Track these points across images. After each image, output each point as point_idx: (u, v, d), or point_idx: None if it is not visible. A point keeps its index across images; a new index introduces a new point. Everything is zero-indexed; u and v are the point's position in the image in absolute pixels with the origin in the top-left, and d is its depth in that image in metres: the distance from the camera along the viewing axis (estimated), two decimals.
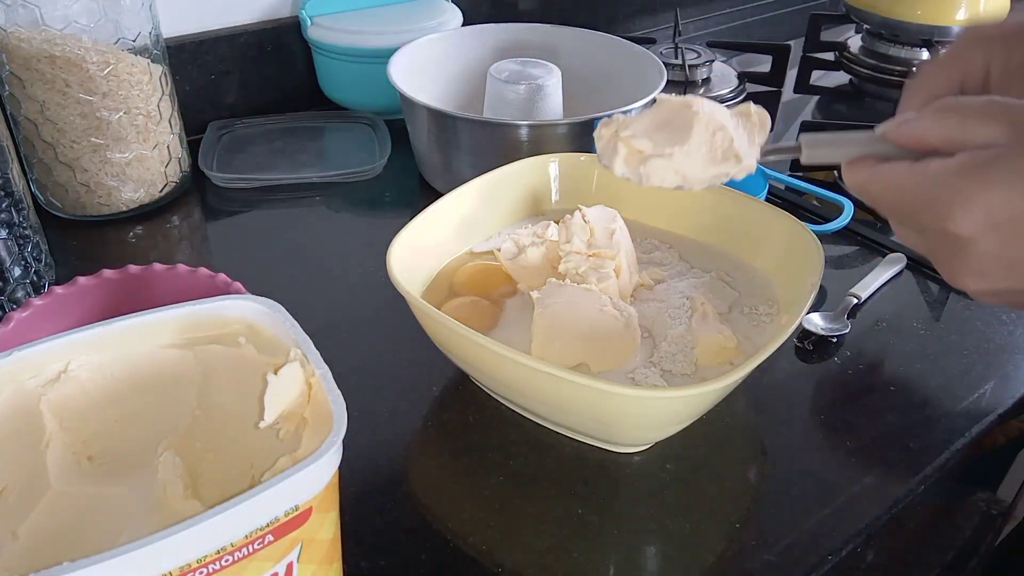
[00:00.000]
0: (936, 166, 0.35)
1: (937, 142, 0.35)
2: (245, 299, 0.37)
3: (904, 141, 0.36)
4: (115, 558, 0.25)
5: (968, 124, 0.35)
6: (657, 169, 0.42)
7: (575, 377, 0.43)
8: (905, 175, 0.36)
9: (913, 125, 0.36)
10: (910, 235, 0.37)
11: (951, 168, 0.34)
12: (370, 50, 0.85)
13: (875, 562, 0.53)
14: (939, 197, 0.34)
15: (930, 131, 0.35)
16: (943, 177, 0.34)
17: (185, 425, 0.38)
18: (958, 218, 0.34)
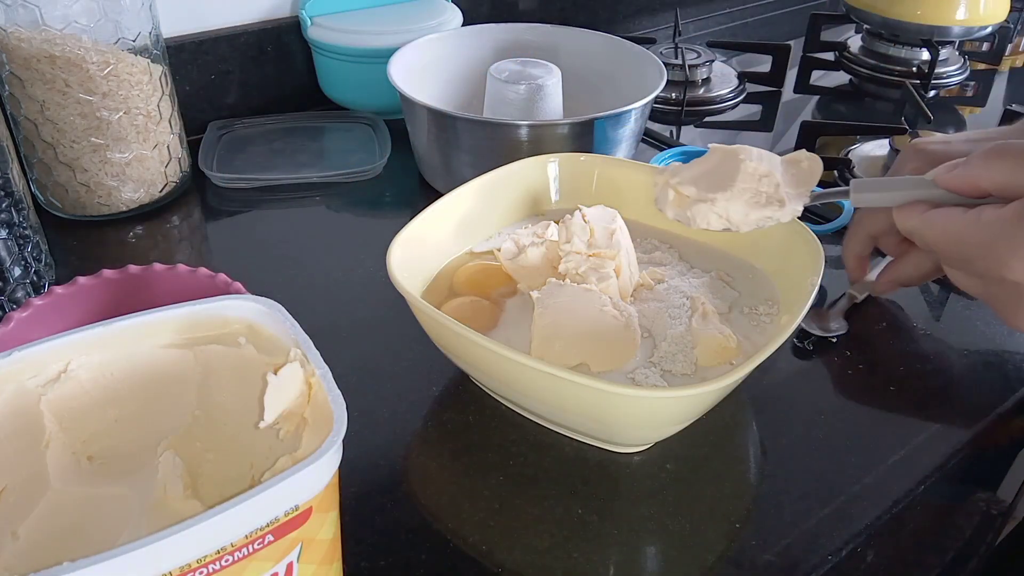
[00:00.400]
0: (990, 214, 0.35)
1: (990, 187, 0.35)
2: (245, 299, 0.37)
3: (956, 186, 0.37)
4: (115, 558, 0.25)
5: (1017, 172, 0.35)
6: (701, 212, 0.45)
7: (575, 377, 0.43)
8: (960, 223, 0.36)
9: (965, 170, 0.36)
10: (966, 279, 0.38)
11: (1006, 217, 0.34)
12: (370, 50, 0.85)
13: (875, 562, 0.53)
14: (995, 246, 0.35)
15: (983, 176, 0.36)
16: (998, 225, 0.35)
17: (185, 425, 0.38)
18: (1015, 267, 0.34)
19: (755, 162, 0.45)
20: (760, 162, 0.45)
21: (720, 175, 0.46)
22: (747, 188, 0.45)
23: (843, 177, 0.84)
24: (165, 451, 0.37)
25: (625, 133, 0.75)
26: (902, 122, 0.93)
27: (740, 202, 0.45)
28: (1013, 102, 1.03)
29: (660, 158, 0.74)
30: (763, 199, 0.44)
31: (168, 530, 0.26)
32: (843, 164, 0.84)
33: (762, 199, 0.44)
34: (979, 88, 1.11)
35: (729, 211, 0.45)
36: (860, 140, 0.90)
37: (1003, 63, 1.16)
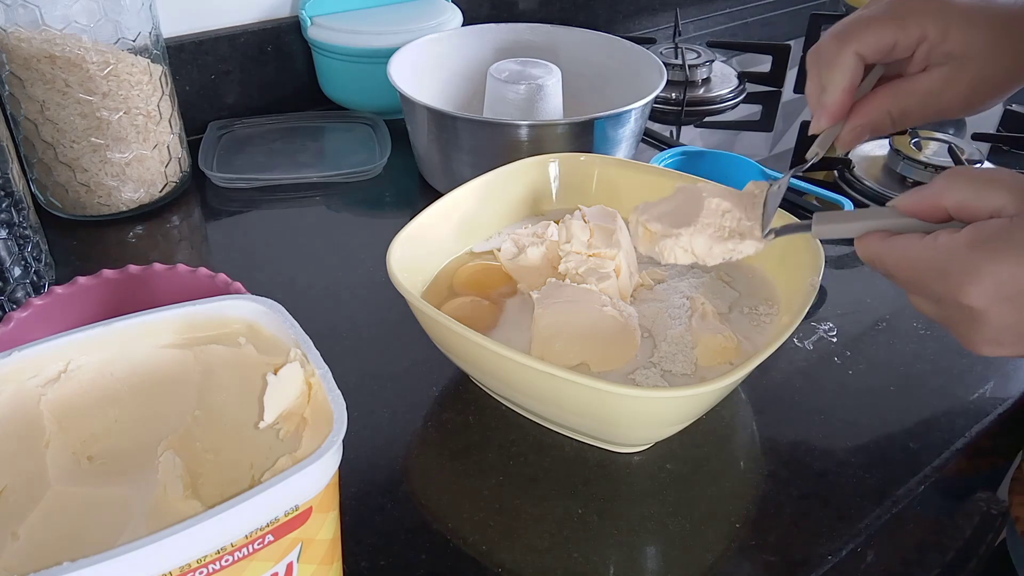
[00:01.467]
0: (945, 240, 0.35)
1: (950, 207, 0.36)
2: (245, 299, 0.37)
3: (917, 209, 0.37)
4: (115, 558, 0.25)
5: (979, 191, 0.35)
6: (668, 247, 0.47)
7: (575, 377, 0.43)
8: (917, 248, 0.36)
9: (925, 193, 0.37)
10: (925, 304, 0.38)
11: (960, 242, 0.35)
12: (370, 50, 0.85)
13: (875, 562, 0.53)
14: (950, 271, 0.35)
15: (943, 197, 0.36)
16: (953, 251, 0.35)
17: (185, 425, 0.38)
18: (970, 292, 0.34)
19: (717, 199, 0.48)
20: (722, 199, 0.48)
21: (685, 211, 0.48)
22: (710, 223, 0.47)
23: (843, 177, 0.84)
24: (165, 451, 0.37)
25: (625, 133, 0.75)
26: None
27: (704, 237, 0.47)
28: (1013, 102, 1.03)
29: (660, 158, 0.74)
30: (725, 233, 0.47)
31: (168, 530, 0.26)
32: (843, 164, 0.85)
33: (724, 233, 0.47)
34: None
35: (694, 245, 0.47)
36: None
37: None
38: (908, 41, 0.44)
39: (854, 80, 0.45)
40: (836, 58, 0.45)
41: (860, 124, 0.47)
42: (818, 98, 0.47)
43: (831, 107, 0.46)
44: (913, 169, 0.82)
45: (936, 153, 0.83)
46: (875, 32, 0.44)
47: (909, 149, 0.83)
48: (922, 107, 0.46)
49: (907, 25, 0.43)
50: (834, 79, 0.45)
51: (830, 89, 0.46)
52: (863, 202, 0.80)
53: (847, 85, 0.45)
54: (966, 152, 0.81)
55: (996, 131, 0.97)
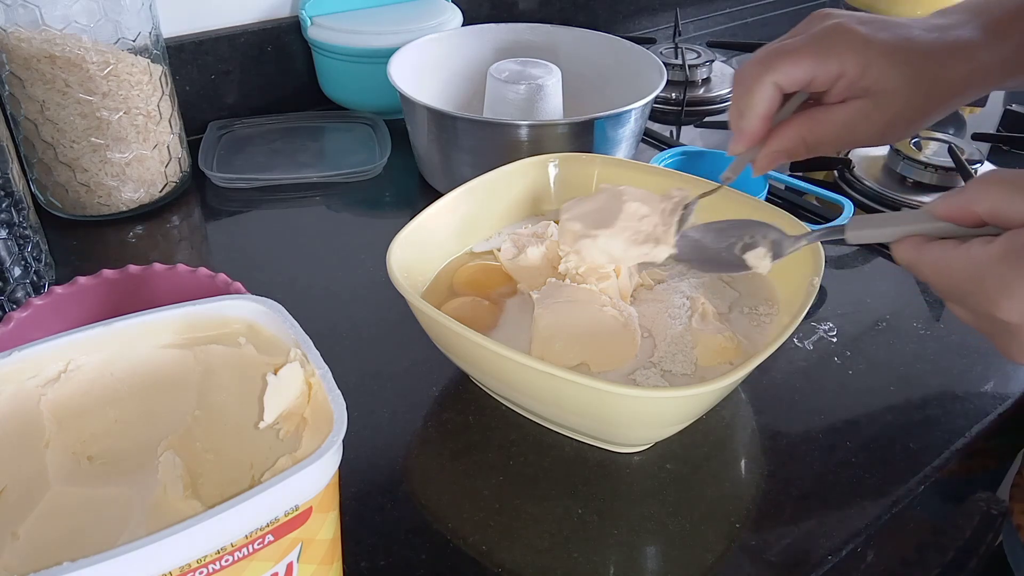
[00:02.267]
0: (978, 252, 0.35)
1: (984, 213, 0.36)
2: (245, 299, 0.37)
3: (951, 215, 0.37)
4: (115, 558, 0.25)
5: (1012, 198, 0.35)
6: (586, 247, 0.49)
7: (575, 377, 0.43)
8: (951, 258, 0.36)
9: (959, 198, 0.37)
10: (963, 313, 0.38)
11: (994, 255, 0.34)
12: (370, 50, 0.85)
13: (875, 562, 0.53)
14: (985, 284, 0.35)
15: (977, 202, 0.36)
16: (986, 264, 0.35)
17: (185, 425, 0.38)
18: (1004, 307, 0.34)
19: (636, 203, 0.48)
20: (641, 203, 0.48)
21: (606, 213, 0.49)
22: (628, 227, 0.48)
23: (843, 177, 0.84)
24: (165, 451, 0.37)
25: (625, 133, 0.75)
26: None
27: (620, 240, 0.48)
28: (1013, 102, 1.03)
29: (660, 158, 0.74)
30: (641, 237, 0.48)
31: (168, 530, 0.26)
32: (843, 164, 0.85)
33: (640, 237, 0.48)
34: None
35: (610, 248, 0.48)
36: None
37: None
38: (827, 76, 0.45)
39: (770, 108, 0.46)
40: (755, 86, 0.46)
41: (775, 150, 0.48)
42: (736, 122, 0.48)
43: (747, 132, 0.47)
44: (913, 169, 0.82)
45: (936, 153, 0.83)
46: (795, 64, 0.45)
47: (909, 149, 0.83)
48: (836, 137, 0.47)
49: (827, 60, 0.44)
50: (751, 106, 0.46)
51: (747, 115, 0.47)
52: (863, 202, 0.80)
53: (763, 112, 0.46)
54: (966, 152, 0.81)
55: (996, 131, 0.97)
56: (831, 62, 0.44)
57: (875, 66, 0.44)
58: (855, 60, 0.44)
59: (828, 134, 0.47)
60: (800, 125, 0.47)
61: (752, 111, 0.46)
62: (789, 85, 0.45)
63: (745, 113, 0.47)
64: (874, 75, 0.44)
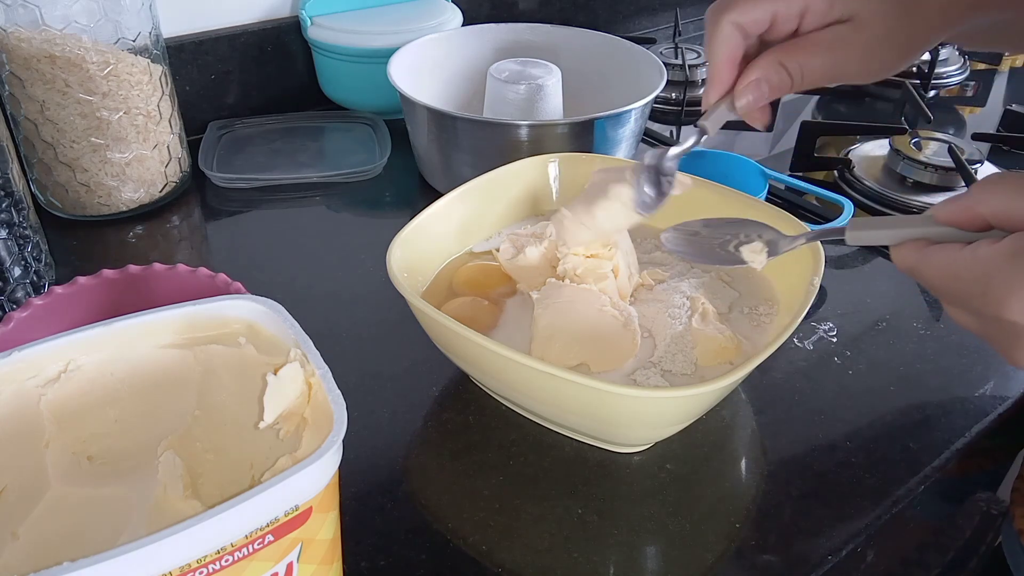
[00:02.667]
0: (985, 252, 0.34)
1: (989, 215, 0.35)
2: (245, 299, 0.37)
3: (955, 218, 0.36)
4: (115, 558, 0.25)
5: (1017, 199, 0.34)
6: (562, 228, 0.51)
7: (575, 377, 0.43)
8: (956, 260, 0.35)
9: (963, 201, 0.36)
10: (964, 317, 0.37)
11: (1001, 254, 0.33)
12: (370, 50, 0.85)
13: (875, 562, 0.53)
14: (992, 284, 0.34)
15: (981, 204, 0.35)
16: (994, 264, 0.34)
17: (185, 425, 0.38)
18: (1012, 306, 0.33)
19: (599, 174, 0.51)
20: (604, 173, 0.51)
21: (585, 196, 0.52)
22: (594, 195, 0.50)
23: (843, 177, 0.84)
24: (165, 451, 0.37)
25: (625, 133, 0.75)
26: (902, 122, 0.93)
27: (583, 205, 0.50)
28: (1013, 102, 1.03)
29: None
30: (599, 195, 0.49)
31: (168, 530, 0.26)
32: (843, 164, 0.85)
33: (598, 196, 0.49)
34: (979, 88, 1.11)
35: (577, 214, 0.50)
36: (860, 140, 0.90)
37: (1003, 63, 1.17)
38: (789, 12, 0.43)
39: (733, 51, 0.45)
40: (713, 29, 0.45)
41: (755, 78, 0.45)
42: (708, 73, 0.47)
43: (715, 79, 0.46)
44: (913, 169, 0.82)
45: (936, 153, 0.83)
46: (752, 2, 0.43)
47: (909, 149, 0.83)
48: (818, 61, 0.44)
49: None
50: (713, 51, 0.45)
51: (711, 62, 0.46)
52: (863, 202, 0.80)
53: (726, 56, 0.45)
54: (966, 152, 0.81)
55: (996, 131, 0.97)
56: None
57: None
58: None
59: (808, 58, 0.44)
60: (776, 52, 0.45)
61: (714, 56, 0.45)
62: (749, 24, 0.44)
63: (710, 60, 0.46)
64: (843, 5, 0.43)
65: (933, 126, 0.96)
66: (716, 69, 0.46)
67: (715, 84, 0.46)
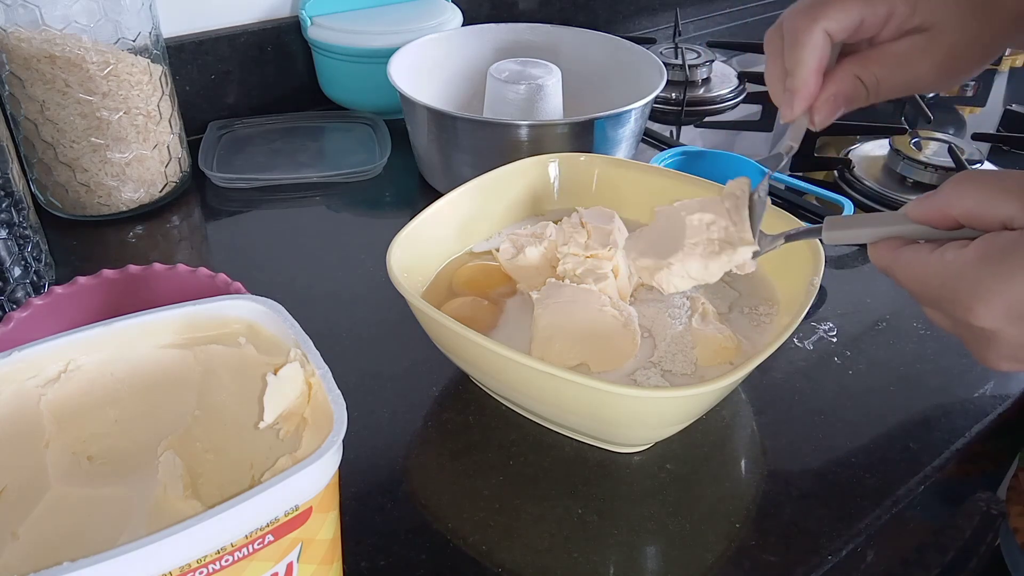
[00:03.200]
0: (953, 256, 0.34)
1: (959, 215, 0.35)
2: (245, 299, 0.37)
3: (926, 217, 0.36)
4: (115, 558, 0.25)
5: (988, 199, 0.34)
6: (665, 279, 0.45)
7: (575, 377, 0.43)
8: (926, 262, 0.35)
9: (933, 201, 0.35)
10: (939, 317, 0.37)
11: (968, 258, 0.33)
12: (370, 50, 0.85)
13: (875, 562, 0.53)
14: (959, 290, 0.34)
15: (951, 205, 0.35)
16: (961, 268, 0.33)
17: (185, 425, 0.38)
18: (980, 313, 0.33)
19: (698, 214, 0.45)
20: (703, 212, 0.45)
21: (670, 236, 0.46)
22: (697, 242, 0.45)
23: (843, 177, 0.84)
24: (165, 451, 0.37)
25: (625, 133, 0.75)
26: (902, 122, 0.93)
27: (695, 258, 0.45)
28: (1013, 102, 1.03)
29: (660, 158, 0.74)
30: (716, 247, 0.45)
31: (168, 530, 0.26)
32: (843, 164, 0.85)
33: (715, 247, 0.45)
34: (979, 88, 1.11)
35: (688, 270, 0.45)
36: (860, 140, 0.90)
37: (1003, 63, 1.17)
38: (875, 18, 0.42)
39: (823, 59, 0.43)
40: (804, 36, 0.42)
41: (832, 93, 0.44)
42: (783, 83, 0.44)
43: (802, 90, 0.44)
44: (913, 169, 0.82)
45: (936, 153, 0.83)
46: (844, 9, 0.42)
47: (909, 149, 0.83)
48: (894, 74, 0.44)
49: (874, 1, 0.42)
50: (803, 60, 0.43)
51: (799, 71, 0.43)
52: (863, 202, 0.80)
53: (817, 65, 0.43)
54: (966, 152, 0.81)
55: (996, 131, 0.97)
56: (879, 2, 0.42)
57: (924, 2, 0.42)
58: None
59: (885, 72, 0.43)
60: (852, 64, 0.44)
61: (803, 65, 0.43)
62: (839, 32, 0.42)
63: (796, 69, 0.43)
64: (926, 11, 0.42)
65: (933, 126, 0.96)
66: (805, 79, 0.44)
67: (803, 95, 0.44)
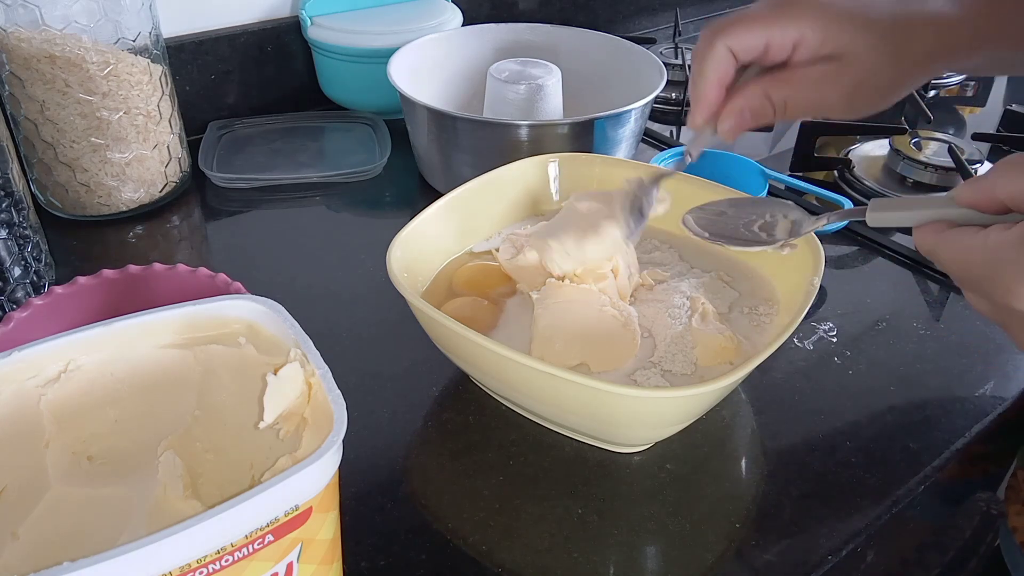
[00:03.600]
0: (996, 238, 0.34)
1: (1005, 198, 0.34)
2: (245, 299, 0.37)
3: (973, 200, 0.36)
4: (115, 558, 0.25)
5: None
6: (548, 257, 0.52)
7: (575, 377, 0.43)
8: (970, 246, 0.35)
9: (980, 184, 0.35)
10: (979, 302, 0.37)
11: (1011, 241, 0.33)
12: (370, 50, 0.85)
13: (875, 562, 0.53)
14: (1001, 272, 0.33)
15: (998, 187, 0.34)
16: (1004, 250, 0.33)
17: (185, 425, 0.38)
18: (1020, 294, 0.33)
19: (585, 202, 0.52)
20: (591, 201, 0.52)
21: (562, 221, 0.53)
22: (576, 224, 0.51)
23: (843, 177, 0.84)
24: (165, 451, 0.37)
25: (625, 133, 0.75)
26: (902, 122, 0.93)
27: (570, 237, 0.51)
28: (1013, 102, 1.03)
29: (660, 158, 0.74)
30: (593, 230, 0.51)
31: (168, 530, 0.26)
32: (843, 164, 0.85)
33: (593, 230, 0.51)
34: (979, 88, 1.11)
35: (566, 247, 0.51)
36: (860, 140, 0.90)
37: None
38: (783, 41, 0.44)
39: (724, 74, 0.45)
40: (707, 51, 0.45)
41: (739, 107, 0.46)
42: (692, 92, 0.46)
43: (702, 100, 0.46)
44: (913, 169, 0.82)
45: (936, 153, 0.83)
46: (748, 29, 0.44)
47: (909, 149, 0.83)
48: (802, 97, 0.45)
49: (783, 24, 0.43)
50: (704, 72, 0.45)
51: (700, 82, 0.46)
52: (863, 202, 0.80)
53: (717, 77, 0.45)
54: (966, 152, 0.81)
55: (996, 131, 0.97)
56: (788, 27, 0.43)
57: (836, 32, 0.43)
58: (813, 25, 0.43)
59: (794, 93, 0.45)
60: (763, 81, 0.45)
61: (704, 77, 0.45)
62: (742, 50, 0.44)
63: (698, 81, 0.46)
64: (835, 41, 0.43)
65: (933, 126, 0.96)
66: (704, 91, 0.46)
67: (702, 106, 0.46)
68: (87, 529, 0.35)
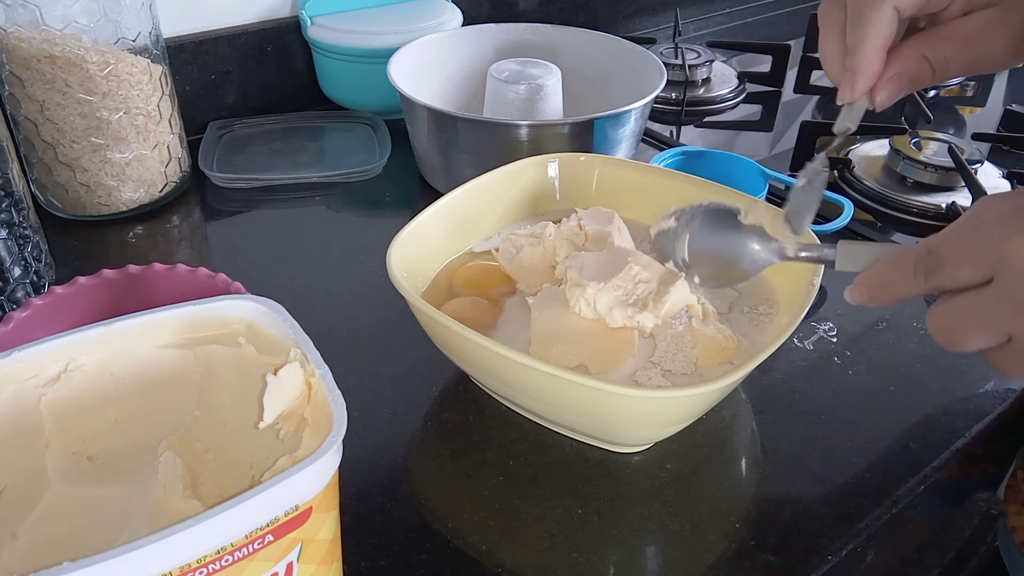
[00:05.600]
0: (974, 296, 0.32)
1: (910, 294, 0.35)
2: (245, 299, 0.37)
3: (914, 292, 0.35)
4: (115, 558, 0.25)
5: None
6: (575, 296, 0.49)
7: (575, 377, 0.43)
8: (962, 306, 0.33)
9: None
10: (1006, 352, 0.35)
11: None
12: (370, 50, 0.85)
13: (875, 562, 0.53)
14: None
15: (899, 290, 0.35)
16: None
17: (185, 425, 0.38)
18: None
19: (639, 267, 0.49)
20: (644, 269, 0.49)
21: (608, 268, 0.50)
22: (621, 287, 0.49)
23: (843, 177, 0.84)
24: (165, 451, 0.37)
25: (625, 133, 0.75)
26: (902, 122, 0.93)
27: (608, 296, 0.49)
28: (1013, 102, 1.03)
29: (660, 158, 0.74)
30: (631, 299, 0.49)
31: (168, 530, 0.26)
32: (843, 164, 0.85)
33: (630, 299, 0.49)
34: (979, 88, 1.11)
35: (596, 301, 0.49)
36: (860, 140, 0.90)
37: None
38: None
39: (890, 37, 0.41)
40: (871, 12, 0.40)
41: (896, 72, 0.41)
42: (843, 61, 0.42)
43: (866, 69, 0.41)
44: (913, 169, 0.82)
45: (936, 153, 0.83)
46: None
47: (909, 149, 0.83)
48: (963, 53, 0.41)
49: None
50: (868, 36, 0.40)
51: (863, 49, 0.40)
52: (863, 202, 0.80)
53: (883, 43, 0.40)
54: (966, 152, 0.81)
55: (996, 131, 0.97)
56: None
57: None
58: None
59: (953, 51, 0.41)
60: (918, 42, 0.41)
61: (869, 42, 0.40)
62: (907, 7, 0.40)
63: (860, 46, 0.40)
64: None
65: (933, 126, 0.96)
66: (868, 57, 0.41)
67: (865, 73, 0.41)
68: (87, 529, 0.35)
